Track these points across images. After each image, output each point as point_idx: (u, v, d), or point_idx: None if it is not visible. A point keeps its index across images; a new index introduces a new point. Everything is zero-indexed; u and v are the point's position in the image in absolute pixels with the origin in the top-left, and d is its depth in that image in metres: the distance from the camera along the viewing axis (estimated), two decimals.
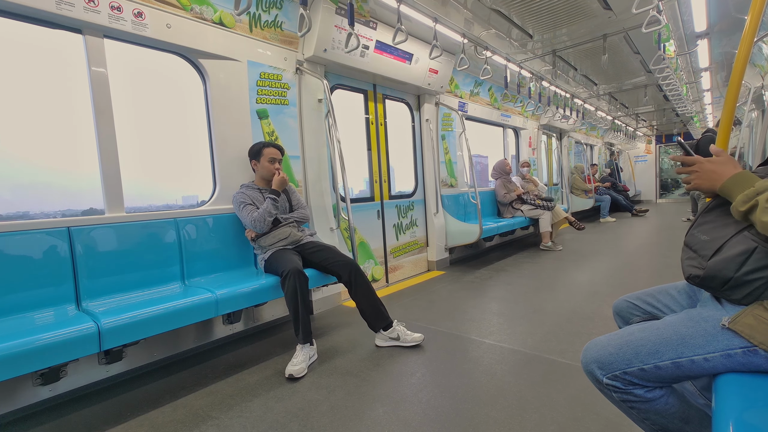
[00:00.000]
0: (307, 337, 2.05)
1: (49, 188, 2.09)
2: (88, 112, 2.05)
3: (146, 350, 2.11)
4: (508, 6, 3.37)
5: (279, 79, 2.77)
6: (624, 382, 0.92)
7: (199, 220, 2.35)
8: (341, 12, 2.84)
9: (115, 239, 2.03)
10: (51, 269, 1.83)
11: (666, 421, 0.94)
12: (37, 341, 1.43)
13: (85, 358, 1.82)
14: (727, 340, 0.83)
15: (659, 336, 0.90)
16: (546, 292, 3.17)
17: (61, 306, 1.84)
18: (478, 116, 5.16)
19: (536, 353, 2.07)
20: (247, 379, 1.96)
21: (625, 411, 0.98)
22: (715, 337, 0.84)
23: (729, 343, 0.82)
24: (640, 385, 0.91)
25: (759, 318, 0.80)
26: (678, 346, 0.87)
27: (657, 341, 0.90)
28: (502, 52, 4.30)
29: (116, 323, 1.63)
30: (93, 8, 1.95)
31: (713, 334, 0.84)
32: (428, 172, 4.20)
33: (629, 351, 0.92)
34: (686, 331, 0.88)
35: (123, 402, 1.80)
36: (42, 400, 1.78)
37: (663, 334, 0.90)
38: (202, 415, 1.67)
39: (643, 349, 0.90)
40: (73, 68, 2.03)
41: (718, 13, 3.81)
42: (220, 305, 1.97)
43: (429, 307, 2.97)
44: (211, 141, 2.50)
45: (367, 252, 3.55)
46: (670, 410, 0.93)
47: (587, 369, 0.99)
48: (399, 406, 1.65)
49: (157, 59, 2.32)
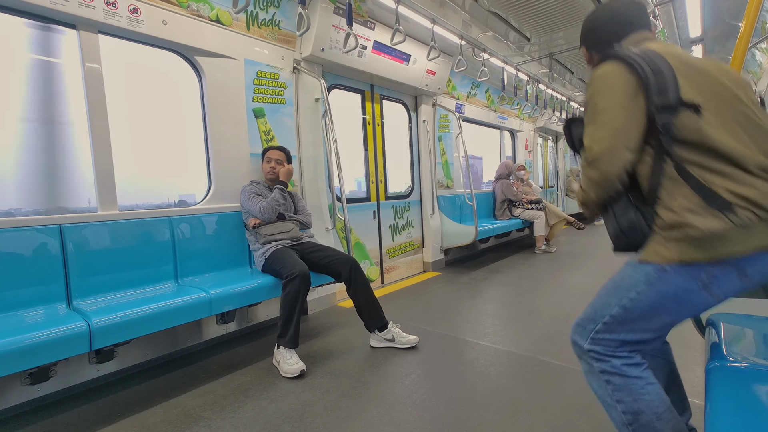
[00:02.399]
0: (296, 343, 2.03)
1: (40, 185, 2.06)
2: (82, 108, 2.02)
3: (138, 350, 2.08)
4: (506, 9, 3.38)
5: (276, 78, 2.76)
6: (602, 346, 1.04)
7: (194, 218, 2.33)
8: (339, 12, 2.84)
9: (108, 237, 2.01)
10: (41, 267, 1.80)
11: (639, 406, 1.00)
12: (26, 340, 1.41)
13: (75, 357, 1.79)
14: (644, 270, 0.98)
15: (605, 290, 1.07)
16: (541, 294, 3.19)
17: (52, 304, 1.81)
18: (474, 118, 5.18)
19: (531, 355, 2.08)
20: (240, 379, 1.95)
21: (602, 388, 1.05)
22: (636, 272, 1.00)
23: (646, 272, 0.98)
24: (617, 356, 1.03)
25: (657, 243, 0.97)
26: (617, 291, 1.03)
27: (605, 294, 1.07)
28: (500, 54, 4.32)
29: (107, 322, 1.61)
30: (88, 3, 1.92)
31: (635, 271, 1.01)
32: (425, 173, 4.20)
33: (591, 310, 1.08)
34: (619, 278, 1.05)
35: (114, 402, 1.78)
36: (30, 399, 1.75)
37: (607, 287, 1.07)
38: (195, 415, 1.65)
39: (599, 305, 1.06)
40: (67, 63, 2.00)
41: (713, 19, 3.85)
42: (214, 305, 1.95)
43: (424, 308, 2.97)
44: (207, 139, 2.48)
45: (363, 252, 3.54)
46: (645, 397, 1.00)
47: (572, 340, 1.12)
48: (393, 407, 1.65)
49: (153, 56, 2.30)
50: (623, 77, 0.98)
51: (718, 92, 0.96)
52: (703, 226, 0.89)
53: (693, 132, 0.93)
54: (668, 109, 0.94)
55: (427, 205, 4.20)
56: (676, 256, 0.93)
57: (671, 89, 0.94)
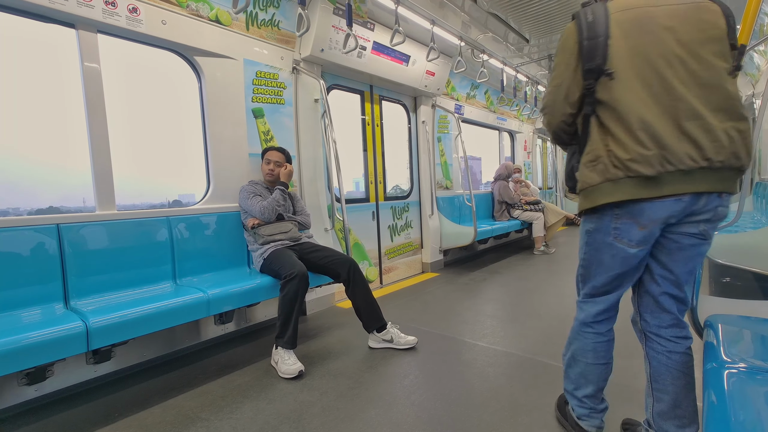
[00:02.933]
0: (294, 343, 2.03)
1: (38, 184, 2.06)
2: (80, 108, 2.02)
3: (136, 350, 2.07)
4: (505, 10, 3.39)
5: (275, 78, 2.76)
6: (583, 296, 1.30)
7: (192, 218, 2.32)
8: (339, 12, 2.84)
9: (106, 237, 2.00)
10: (39, 267, 1.79)
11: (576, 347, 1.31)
12: (23, 340, 1.40)
13: (72, 357, 1.79)
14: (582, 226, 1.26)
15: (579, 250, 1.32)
16: (539, 295, 3.19)
17: (49, 304, 1.80)
18: (474, 119, 5.18)
19: (529, 356, 2.08)
20: (238, 380, 1.94)
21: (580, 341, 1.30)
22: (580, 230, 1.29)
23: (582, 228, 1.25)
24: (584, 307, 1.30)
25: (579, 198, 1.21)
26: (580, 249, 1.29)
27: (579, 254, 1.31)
28: (499, 55, 4.33)
29: (105, 322, 1.60)
30: (87, 3, 1.92)
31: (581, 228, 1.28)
32: (424, 173, 4.20)
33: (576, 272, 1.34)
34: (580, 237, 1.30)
35: (111, 403, 1.77)
36: (27, 400, 1.74)
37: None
38: (192, 416, 1.64)
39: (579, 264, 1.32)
40: (67, 63, 2.00)
41: None
42: (212, 305, 1.95)
43: (423, 308, 2.97)
44: (206, 139, 2.48)
45: (362, 253, 3.54)
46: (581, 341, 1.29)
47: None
48: (391, 408, 1.65)
49: (152, 55, 2.30)
50: (572, 38, 1.11)
51: (647, 53, 1.04)
52: (584, 179, 1.12)
53: (606, 94, 1.07)
54: (592, 72, 1.07)
55: (426, 206, 4.20)
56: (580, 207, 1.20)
57: (599, 56, 1.06)
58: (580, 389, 1.31)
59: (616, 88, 1.06)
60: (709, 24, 1.03)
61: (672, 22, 1.03)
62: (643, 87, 1.04)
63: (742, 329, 1.13)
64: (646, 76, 1.04)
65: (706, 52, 1.02)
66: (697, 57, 1.02)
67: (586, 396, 1.30)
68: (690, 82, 1.02)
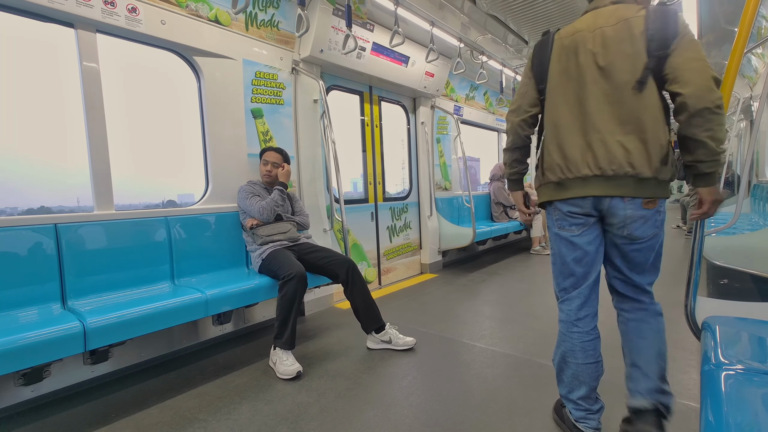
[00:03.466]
0: (292, 344, 2.03)
1: (36, 183, 2.05)
2: (79, 108, 2.01)
3: (133, 350, 2.07)
4: (504, 12, 3.40)
5: (275, 78, 2.76)
6: (560, 292, 1.38)
7: (191, 218, 2.32)
8: (338, 13, 2.84)
9: (104, 237, 1.99)
10: (36, 266, 1.78)
11: (564, 348, 1.36)
12: (19, 340, 1.40)
13: (69, 358, 1.78)
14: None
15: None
16: (538, 296, 3.19)
17: (46, 304, 1.79)
18: (473, 120, 5.19)
19: (527, 357, 2.08)
20: (236, 380, 1.94)
21: (568, 342, 1.35)
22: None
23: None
24: (561, 304, 1.38)
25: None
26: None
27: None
28: (498, 57, 4.34)
29: (102, 323, 1.60)
30: (86, 2, 1.92)
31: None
32: (423, 174, 4.20)
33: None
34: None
35: (108, 403, 1.77)
36: (24, 400, 1.73)
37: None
38: (190, 417, 1.64)
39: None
40: (66, 62, 2.00)
41: (709, 24, 3.88)
42: (210, 305, 1.94)
43: (421, 309, 2.97)
44: (205, 139, 2.47)
45: (360, 254, 3.53)
46: (582, 353, 1.31)
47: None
48: (389, 409, 1.64)
49: (151, 55, 2.29)
50: (529, 62, 1.37)
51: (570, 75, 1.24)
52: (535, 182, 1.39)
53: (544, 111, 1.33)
54: (539, 91, 1.34)
55: (425, 207, 4.20)
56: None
57: (542, 78, 1.31)
58: (574, 392, 1.34)
59: (547, 105, 1.31)
60: (628, 42, 1.16)
61: (596, 48, 1.20)
62: (565, 104, 1.26)
63: (739, 331, 1.13)
64: (568, 96, 1.25)
65: (619, 70, 1.17)
66: (609, 78, 1.18)
67: (581, 398, 1.32)
68: (602, 100, 1.19)
